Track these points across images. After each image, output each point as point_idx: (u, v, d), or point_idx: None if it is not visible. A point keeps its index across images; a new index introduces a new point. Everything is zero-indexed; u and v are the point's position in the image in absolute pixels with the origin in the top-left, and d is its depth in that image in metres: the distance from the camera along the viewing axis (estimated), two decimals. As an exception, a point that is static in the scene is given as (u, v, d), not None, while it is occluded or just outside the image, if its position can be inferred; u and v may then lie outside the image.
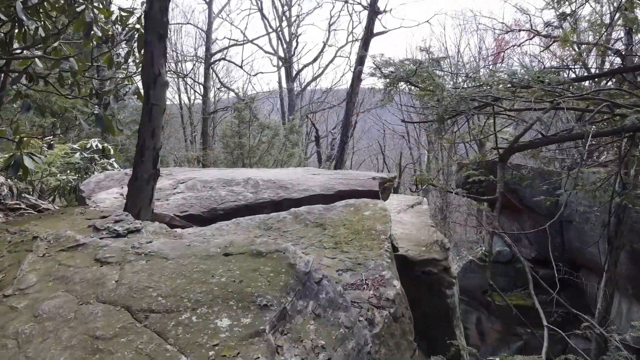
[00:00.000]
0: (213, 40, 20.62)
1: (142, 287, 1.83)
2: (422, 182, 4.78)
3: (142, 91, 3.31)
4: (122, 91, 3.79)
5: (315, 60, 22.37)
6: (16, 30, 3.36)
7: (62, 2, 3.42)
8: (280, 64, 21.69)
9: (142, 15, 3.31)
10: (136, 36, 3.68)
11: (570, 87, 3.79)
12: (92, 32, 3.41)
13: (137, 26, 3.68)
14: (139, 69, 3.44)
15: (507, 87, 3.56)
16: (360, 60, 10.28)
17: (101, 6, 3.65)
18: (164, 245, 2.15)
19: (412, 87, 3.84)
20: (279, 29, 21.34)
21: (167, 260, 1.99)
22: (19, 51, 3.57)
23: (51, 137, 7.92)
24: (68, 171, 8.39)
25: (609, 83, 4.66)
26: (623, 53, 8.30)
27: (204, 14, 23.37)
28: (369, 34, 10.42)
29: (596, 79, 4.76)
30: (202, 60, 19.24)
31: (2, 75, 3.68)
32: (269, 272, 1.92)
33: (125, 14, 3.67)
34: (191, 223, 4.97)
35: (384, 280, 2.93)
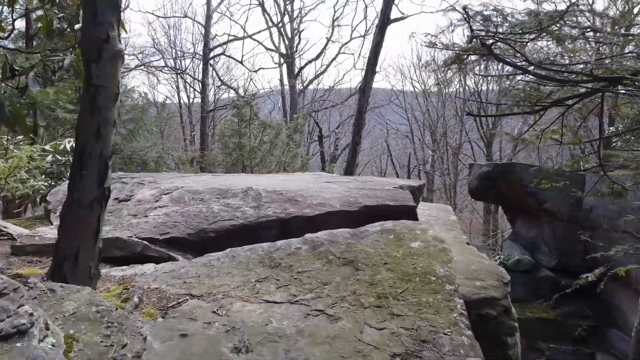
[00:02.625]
0: (212, 36, 19.34)
1: None
2: None
3: (81, 66, 2.10)
4: (53, 67, 2.56)
5: (318, 56, 21.05)
6: None
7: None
8: (282, 60, 20.41)
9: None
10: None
11: None
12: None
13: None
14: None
15: None
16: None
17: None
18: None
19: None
20: (280, 24, 20.07)
21: None
22: None
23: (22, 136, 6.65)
24: (43, 176, 7.15)
25: None
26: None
27: (202, 9, 22.13)
28: (385, 19, 9.09)
29: None
30: (200, 56, 17.94)
31: None
32: None
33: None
34: (172, 250, 3.74)
35: (476, 381, 1.68)
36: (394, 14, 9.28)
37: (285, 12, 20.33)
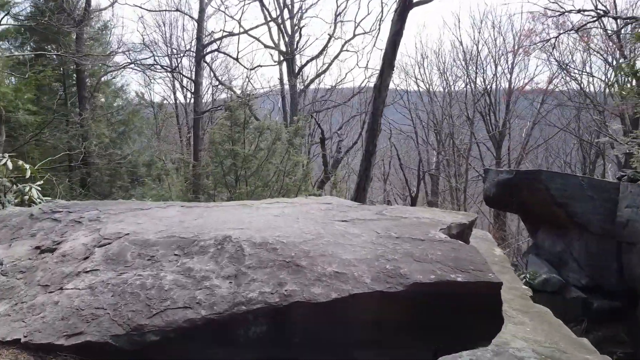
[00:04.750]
0: (208, 33, 17.59)
1: None
2: None
3: None
4: None
5: (320, 53, 19.24)
6: None
7: None
8: (282, 58, 18.63)
9: None
10: None
11: None
12: None
13: None
14: None
15: None
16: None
17: None
18: None
19: None
20: (280, 19, 18.30)
21: None
22: None
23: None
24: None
25: None
26: None
27: (196, 5, 20.40)
28: (406, 2, 7.36)
29: None
30: (193, 52, 16.17)
31: None
32: None
33: None
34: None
35: None
36: (415, -2, 7.53)
37: (285, 7, 18.56)
